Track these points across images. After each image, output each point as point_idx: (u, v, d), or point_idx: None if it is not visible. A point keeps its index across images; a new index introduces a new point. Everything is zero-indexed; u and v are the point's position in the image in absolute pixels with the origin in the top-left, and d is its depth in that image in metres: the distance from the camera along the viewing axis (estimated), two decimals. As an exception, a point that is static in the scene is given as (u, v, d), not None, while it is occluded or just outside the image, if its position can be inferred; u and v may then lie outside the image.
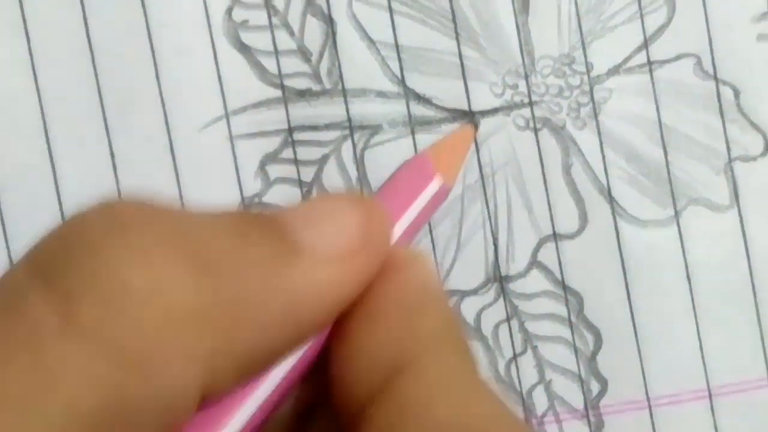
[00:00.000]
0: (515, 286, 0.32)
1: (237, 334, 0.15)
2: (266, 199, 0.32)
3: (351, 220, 0.16)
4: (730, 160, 0.32)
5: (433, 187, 0.25)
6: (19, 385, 0.13)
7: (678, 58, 0.32)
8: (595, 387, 0.32)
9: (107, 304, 0.13)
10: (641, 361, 0.32)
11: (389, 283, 0.16)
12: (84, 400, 0.13)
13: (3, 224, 0.31)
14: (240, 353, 0.15)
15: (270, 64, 0.32)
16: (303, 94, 0.32)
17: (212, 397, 0.15)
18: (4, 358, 0.13)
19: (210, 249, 0.14)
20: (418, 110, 0.32)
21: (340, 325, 0.16)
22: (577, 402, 0.32)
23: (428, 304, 0.16)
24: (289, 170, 0.32)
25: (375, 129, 0.32)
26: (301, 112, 0.32)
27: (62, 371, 0.13)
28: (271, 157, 0.32)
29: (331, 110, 0.32)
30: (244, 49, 0.31)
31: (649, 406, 0.32)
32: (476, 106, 0.32)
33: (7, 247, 0.31)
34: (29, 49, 0.31)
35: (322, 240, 0.15)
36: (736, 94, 0.32)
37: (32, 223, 0.31)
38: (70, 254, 0.14)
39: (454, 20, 0.32)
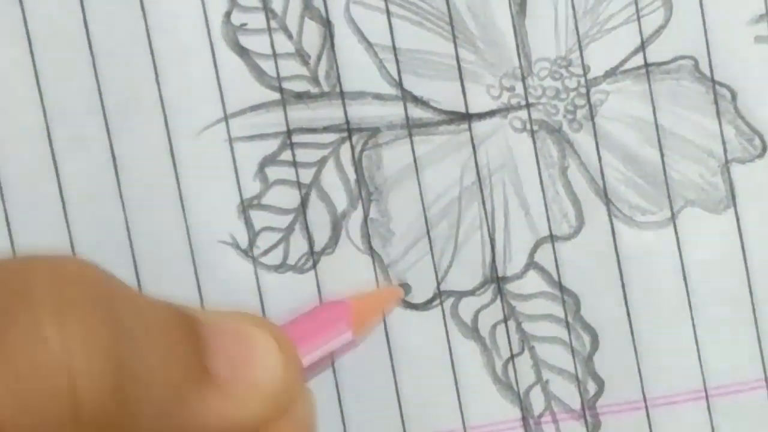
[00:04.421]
0: (512, 287, 0.32)
1: None
2: (265, 201, 0.32)
3: (275, 367, 0.16)
4: (727, 162, 0.32)
5: (345, 338, 0.29)
6: None
7: (675, 60, 0.32)
8: (592, 387, 0.32)
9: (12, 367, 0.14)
10: (638, 361, 0.32)
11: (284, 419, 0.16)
12: None
13: (8, 226, 0.32)
14: None
15: (268, 66, 0.32)
16: (301, 97, 0.32)
17: None
18: None
19: (138, 347, 0.14)
20: (416, 113, 0.32)
21: None
22: (574, 402, 0.32)
23: None
24: (288, 172, 0.32)
25: (373, 131, 0.32)
26: (300, 114, 0.32)
27: None
28: (270, 159, 0.32)
29: (329, 113, 0.32)
30: (242, 52, 0.32)
31: (646, 407, 0.32)
32: (473, 108, 0.32)
33: (13, 249, 0.32)
34: (31, 52, 0.31)
35: (240, 376, 0.15)
36: (733, 95, 0.32)
37: (36, 225, 0.32)
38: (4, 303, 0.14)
39: (451, 23, 0.32)
